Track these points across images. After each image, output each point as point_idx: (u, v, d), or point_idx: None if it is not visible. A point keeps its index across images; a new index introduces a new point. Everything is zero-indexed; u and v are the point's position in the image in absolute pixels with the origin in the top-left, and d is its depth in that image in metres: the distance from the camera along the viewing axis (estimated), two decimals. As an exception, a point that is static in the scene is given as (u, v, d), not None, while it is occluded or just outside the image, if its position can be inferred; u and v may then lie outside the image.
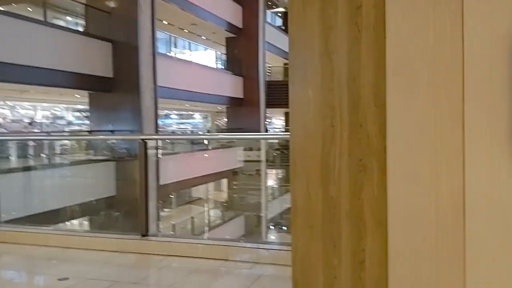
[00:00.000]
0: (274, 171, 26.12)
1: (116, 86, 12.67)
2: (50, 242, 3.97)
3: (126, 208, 10.38)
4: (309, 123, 1.99)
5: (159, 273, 3.26)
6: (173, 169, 13.27)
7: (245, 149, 17.01)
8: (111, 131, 12.27)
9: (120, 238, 3.79)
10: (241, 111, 22.01)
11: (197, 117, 30.64)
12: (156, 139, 5.40)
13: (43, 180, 10.77)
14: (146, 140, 3.80)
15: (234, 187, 19.44)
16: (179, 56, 22.23)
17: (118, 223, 10.34)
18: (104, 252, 3.73)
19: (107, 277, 3.14)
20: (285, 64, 27.66)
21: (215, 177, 20.09)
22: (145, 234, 3.78)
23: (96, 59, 12.27)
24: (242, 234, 20.61)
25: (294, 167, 2.01)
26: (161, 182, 11.49)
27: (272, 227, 25.61)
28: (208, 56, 26.20)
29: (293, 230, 2.03)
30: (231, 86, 21.26)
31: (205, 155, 16.50)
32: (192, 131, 27.55)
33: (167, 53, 20.07)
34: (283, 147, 22.05)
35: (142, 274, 3.25)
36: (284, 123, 30.58)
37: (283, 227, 29.01)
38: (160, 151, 9.58)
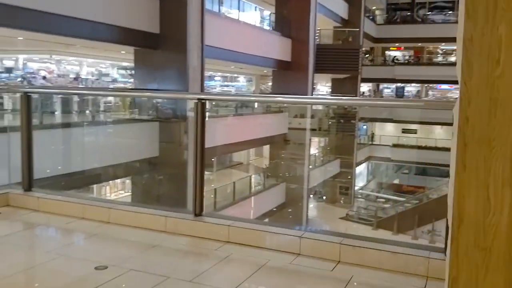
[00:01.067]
0: (327, 139, 25.31)
1: (163, 43, 12.09)
2: (88, 215, 3.40)
3: (170, 171, 9.95)
4: (497, 81, 1.21)
5: (218, 267, 2.61)
6: (217, 133, 12.70)
7: (295, 116, 16.17)
8: (156, 90, 11.79)
9: (169, 217, 3.16)
10: (287, 75, 21.09)
11: (241, 80, 29.91)
12: (215, 100, 4.68)
13: (86, 137, 10.48)
14: (204, 101, 3.10)
15: (282, 155, 18.79)
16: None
17: (162, 187, 9.92)
18: (150, 232, 3.12)
19: (155, 269, 2.53)
20: (335, 27, 26.23)
21: (261, 142, 19.52)
22: (199, 213, 3.13)
23: (143, 14, 11.68)
24: (283, 201, 20.16)
25: (464, 153, 1.24)
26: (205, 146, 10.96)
27: (312, 196, 25.11)
28: (254, 16, 25.15)
29: (452, 252, 1.29)
30: (279, 48, 20.29)
31: (259, 120, 15.68)
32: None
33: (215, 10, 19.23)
34: (339, 116, 21.13)
35: (197, 268, 2.62)
36: (330, 90, 29.35)
37: (323, 197, 28.53)
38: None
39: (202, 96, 3.15)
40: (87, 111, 12.07)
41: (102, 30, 10.61)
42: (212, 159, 17.12)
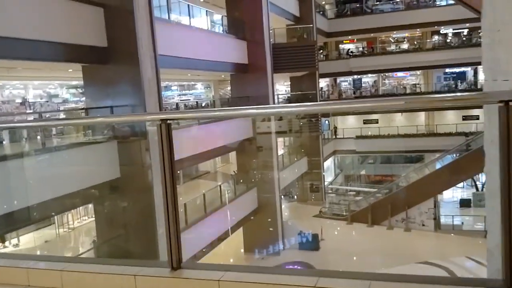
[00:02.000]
0: (292, 139, 24.74)
1: (112, 57, 11.30)
2: (35, 281, 2.67)
3: (135, 195, 9.17)
4: None
5: None
6: (180, 145, 11.99)
7: (263, 120, 15.62)
8: (110, 107, 10.96)
9: (139, 275, 2.47)
10: (246, 78, 20.58)
11: (199, 87, 29.11)
12: (182, 118, 4.02)
13: (39, 167, 9.57)
14: (169, 121, 2.44)
15: (250, 159, 18.21)
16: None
17: (126, 215, 9.10)
18: (117, 297, 2.43)
19: None
20: (288, 25, 25.90)
21: (227, 149, 18.89)
22: (177, 266, 2.46)
23: (87, 27, 10.85)
24: (256, 207, 19.62)
25: None
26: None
27: (283, 197, 24.64)
28: (205, 21, 24.53)
29: None
30: (235, 51, 19.74)
31: (223, 127, 14.97)
32: (197, 102, 26.06)
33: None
34: (311, 116, 20.69)
35: None
36: (290, 89, 28.98)
37: (294, 196, 28.14)
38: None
39: (166, 116, 2.46)
40: (38, 137, 11.11)
41: (44, 49, 9.74)
42: (178, 172, 16.36)
